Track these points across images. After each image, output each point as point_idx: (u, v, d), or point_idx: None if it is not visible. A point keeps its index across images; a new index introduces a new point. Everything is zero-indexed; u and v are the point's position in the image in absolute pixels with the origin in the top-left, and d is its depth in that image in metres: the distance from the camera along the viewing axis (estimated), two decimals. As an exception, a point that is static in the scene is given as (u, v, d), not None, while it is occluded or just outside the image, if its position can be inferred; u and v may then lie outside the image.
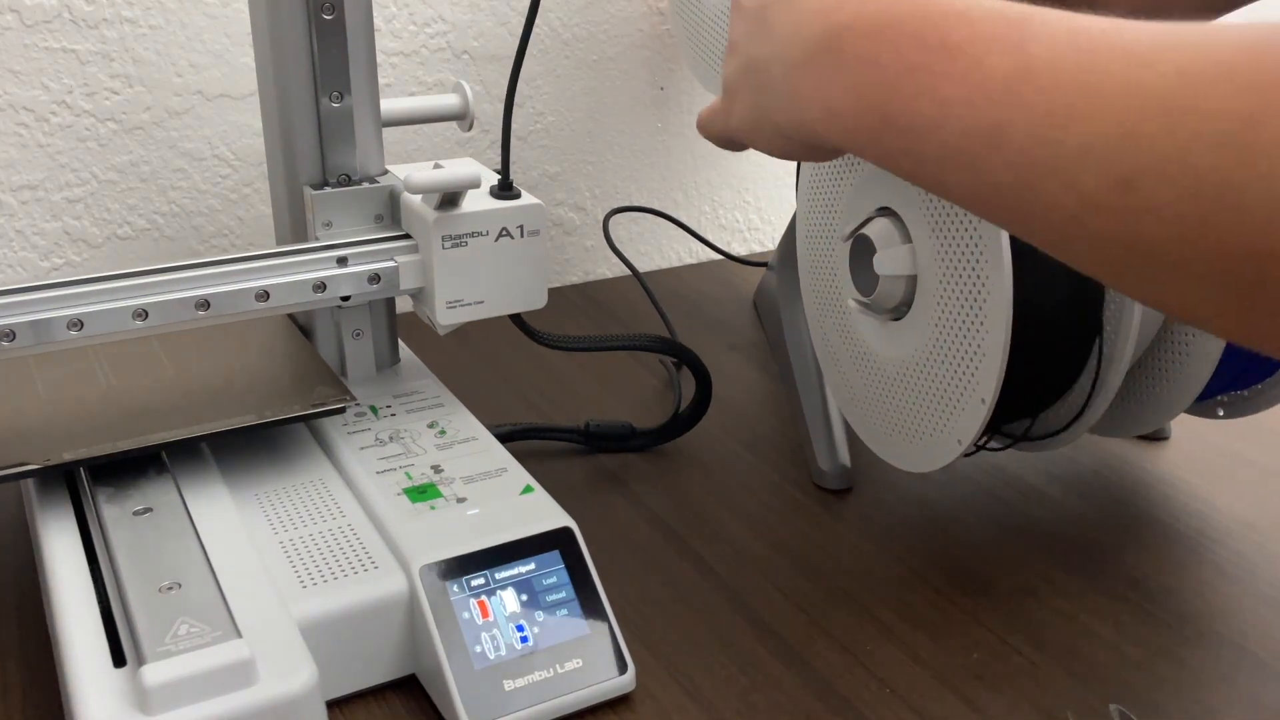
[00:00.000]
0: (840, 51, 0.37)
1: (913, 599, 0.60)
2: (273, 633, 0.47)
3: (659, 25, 1.02)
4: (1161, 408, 0.64)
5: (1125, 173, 0.29)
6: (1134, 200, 0.29)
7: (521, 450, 0.70)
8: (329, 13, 0.61)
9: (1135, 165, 0.29)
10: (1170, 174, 0.28)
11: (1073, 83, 0.31)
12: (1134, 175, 0.29)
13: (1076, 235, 0.32)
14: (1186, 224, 0.28)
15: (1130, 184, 0.29)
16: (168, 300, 0.57)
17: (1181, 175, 0.28)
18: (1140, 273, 0.31)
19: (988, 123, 0.33)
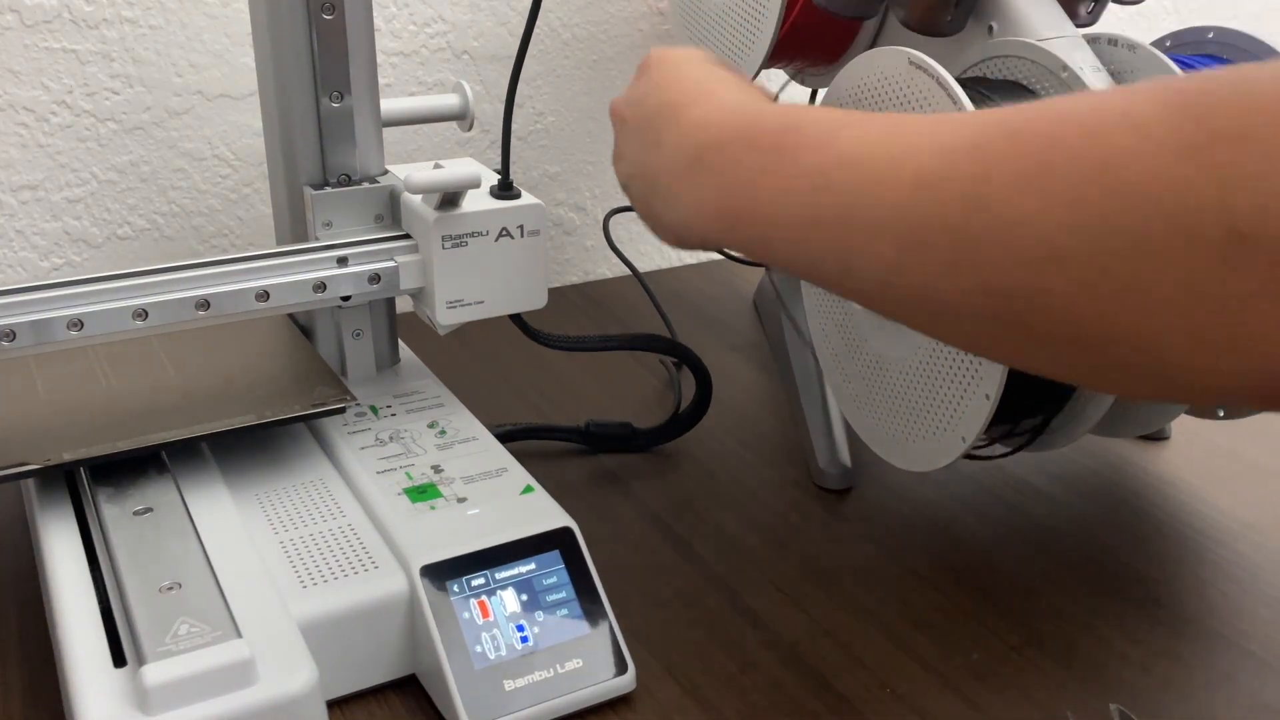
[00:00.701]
0: (705, 162, 0.44)
1: (913, 599, 0.60)
2: (273, 633, 0.47)
3: (659, 25, 1.02)
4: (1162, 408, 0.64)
5: (906, 239, 0.35)
6: (916, 260, 0.35)
7: (521, 450, 0.70)
8: (329, 13, 0.61)
9: (912, 230, 0.35)
10: (936, 236, 0.34)
11: (864, 170, 0.37)
12: (914, 240, 0.35)
13: (890, 297, 0.37)
14: (957, 273, 0.34)
15: (912, 248, 0.35)
16: (168, 300, 0.57)
17: (944, 234, 0.34)
18: (938, 320, 0.36)
19: (807, 210, 0.39)
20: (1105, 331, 0.31)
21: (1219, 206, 0.28)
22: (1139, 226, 0.29)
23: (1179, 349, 0.30)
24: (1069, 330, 0.32)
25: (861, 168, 0.37)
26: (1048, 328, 0.33)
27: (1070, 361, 0.34)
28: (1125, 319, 0.31)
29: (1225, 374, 0.30)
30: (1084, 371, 0.34)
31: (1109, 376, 0.34)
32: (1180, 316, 0.30)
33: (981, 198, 0.33)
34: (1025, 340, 0.34)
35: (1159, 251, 0.29)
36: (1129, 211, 0.30)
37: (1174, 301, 0.29)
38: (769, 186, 0.41)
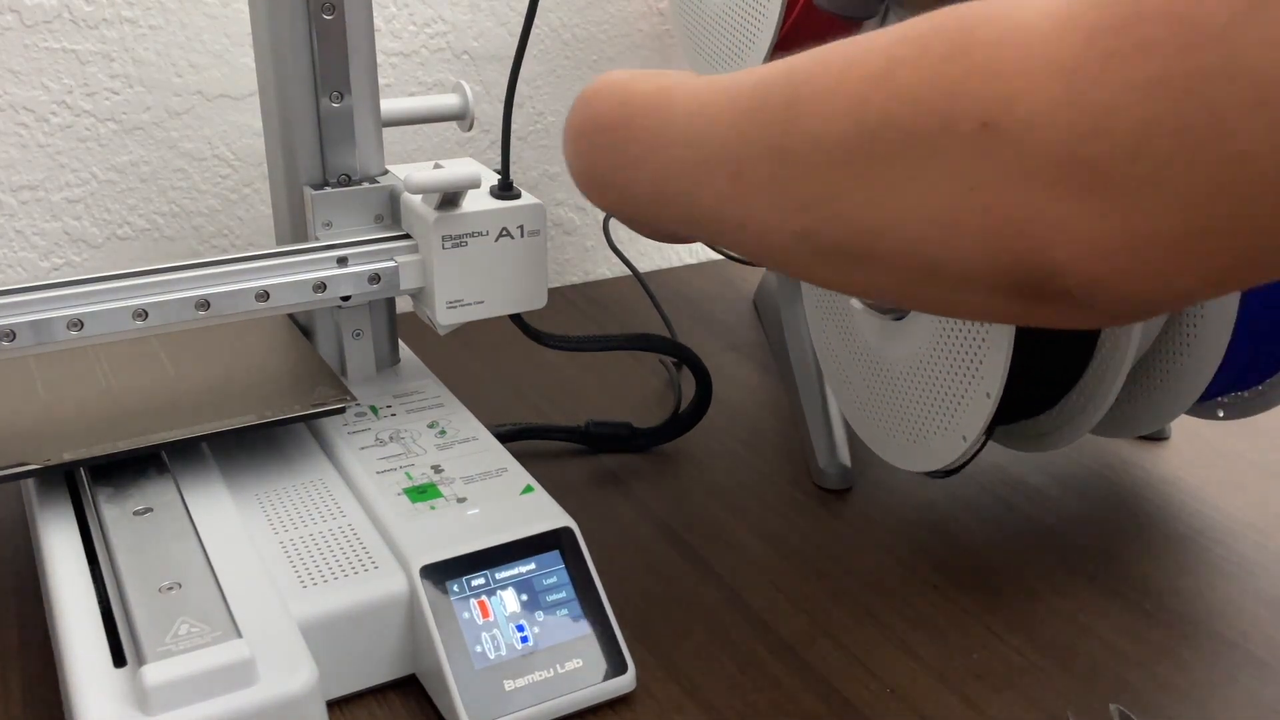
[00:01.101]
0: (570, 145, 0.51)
1: (913, 599, 0.60)
2: (273, 633, 0.47)
3: (659, 25, 1.02)
4: (1162, 409, 0.64)
5: (734, 168, 0.40)
6: (743, 187, 0.39)
7: (521, 450, 0.70)
8: (329, 13, 0.61)
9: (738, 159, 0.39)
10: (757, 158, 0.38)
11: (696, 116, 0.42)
12: (740, 167, 0.39)
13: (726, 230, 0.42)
14: (772, 191, 0.38)
15: (739, 175, 0.39)
16: (168, 300, 0.57)
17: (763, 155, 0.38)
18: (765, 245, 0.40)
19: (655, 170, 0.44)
20: (884, 237, 0.35)
21: (975, 98, 0.31)
22: (909, 121, 0.33)
23: (944, 243, 0.34)
24: (857, 240, 0.36)
25: (691, 119, 0.42)
26: (842, 240, 0.37)
27: (864, 274, 0.38)
28: (898, 219, 0.34)
29: (984, 262, 0.33)
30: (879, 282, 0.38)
31: (899, 285, 0.37)
32: (940, 207, 0.33)
33: (790, 117, 0.37)
34: (829, 256, 0.38)
35: (924, 143, 0.33)
36: (902, 110, 0.33)
37: (935, 191, 0.33)
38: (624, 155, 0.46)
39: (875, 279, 0.38)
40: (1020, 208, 0.31)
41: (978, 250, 0.33)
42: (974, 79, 0.32)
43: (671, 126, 0.43)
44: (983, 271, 0.33)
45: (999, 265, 0.33)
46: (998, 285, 0.34)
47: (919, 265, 0.35)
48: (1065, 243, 0.31)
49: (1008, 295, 0.34)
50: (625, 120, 0.46)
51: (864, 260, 0.37)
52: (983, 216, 0.32)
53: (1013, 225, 0.32)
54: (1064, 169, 0.30)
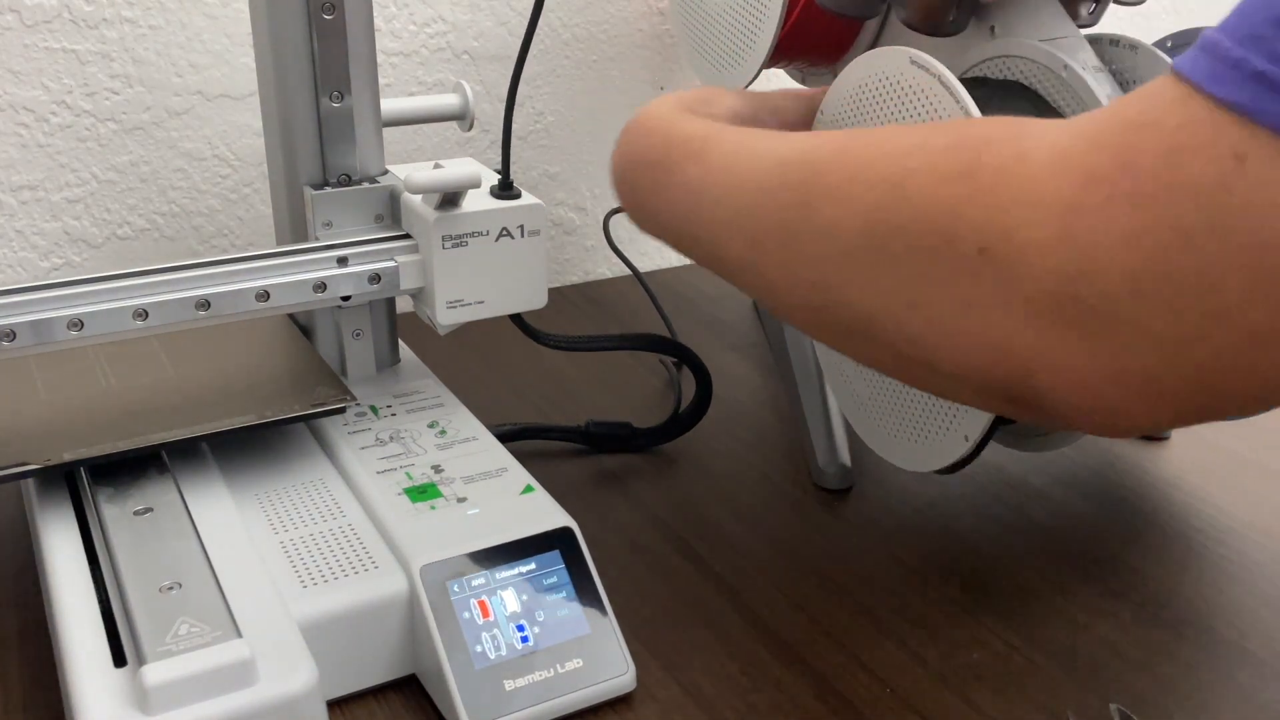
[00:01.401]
0: (618, 178, 0.52)
1: (913, 599, 0.60)
2: (273, 633, 0.47)
3: (659, 25, 1.02)
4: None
5: (751, 237, 0.42)
6: (759, 255, 0.42)
7: (521, 450, 0.70)
8: (329, 13, 0.61)
9: (755, 230, 0.42)
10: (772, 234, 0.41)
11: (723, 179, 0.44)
12: (757, 239, 0.41)
13: (746, 285, 0.45)
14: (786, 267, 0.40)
15: (755, 245, 0.42)
16: (168, 300, 0.57)
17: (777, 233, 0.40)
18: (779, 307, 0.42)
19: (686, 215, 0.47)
20: (885, 326, 0.37)
21: (975, 224, 0.33)
22: (915, 233, 0.35)
23: (938, 346, 0.36)
24: (861, 324, 0.38)
25: (722, 176, 0.44)
26: (847, 321, 0.39)
27: (866, 351, 0.40)
28: (898, 316, 0.36)
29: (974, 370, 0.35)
30: (880, 361, 0.40)
31: (897, 367, 0.39)
32: (934, 314, 0.35)
33: (805, 204, 0.39)
34: (835, 330, 0.40)
35: (926, 256, 0.35)
36: (909, 220, 0.35)
37: (931, 301, 0.35)
38: (662, 196, 0.48)
39: (878, 358, 0.40)
40: (1009, 333, 0.33)
41: (969, 360, 0.35)
42: (976, 204, 0.33)
43: (704, 182, 0.45)
44: (974, 379, 0.35)
45: (986, 378, 0.35)
46: (987, 390, 0.36)
47: (916, 359, 0.37)
48: (1048, 371, 0.33)
49: (998, 400, 0.36)
50: (665, 163, 0.48)
51: (864, 341, 0.39)
52: (975, 333, 0.34)
53: (1001, 347, 0.34)
54: (1053, 303, 0.32)
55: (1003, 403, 0.36)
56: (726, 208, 0.43)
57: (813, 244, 0.39)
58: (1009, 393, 0.35)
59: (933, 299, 0.35)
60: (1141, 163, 0.30)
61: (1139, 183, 0.30)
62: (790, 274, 0.40)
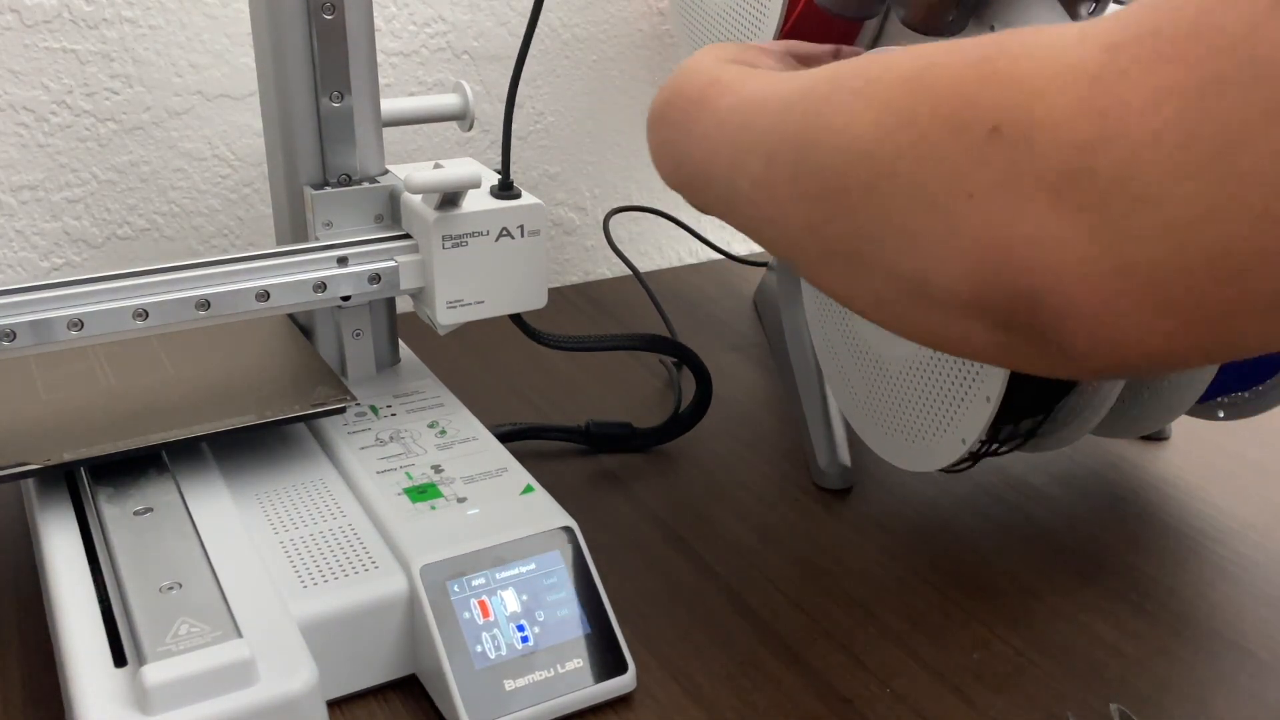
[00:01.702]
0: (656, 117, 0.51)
1: (913, 599, 0.60)
2: (273, 633, 0.47)
3: (659, 25, 1.02)
4: (1163, 409, 0.64)
5: (769, 152, 0.40)
6: (773, 171, 0.40)
7: (521, 450, 0.70)
8: (329, 13, 0.61)
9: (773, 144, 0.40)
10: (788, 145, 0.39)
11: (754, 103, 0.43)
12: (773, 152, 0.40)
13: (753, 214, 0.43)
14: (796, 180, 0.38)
15: (772, 159, 0.40)
16: (168, 300, 0.57)
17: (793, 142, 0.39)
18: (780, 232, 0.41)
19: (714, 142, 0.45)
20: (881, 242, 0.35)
21: (990, 103, 0.31)
22: (925, 123, 0.33)
23: (932, 255, 0.33)
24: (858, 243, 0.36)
25: (754, 101, 0.43)
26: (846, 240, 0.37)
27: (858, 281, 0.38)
28: (896, 223, 0.34)
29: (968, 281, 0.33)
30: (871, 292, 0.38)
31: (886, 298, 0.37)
32: (937, 216, 0.33)
33: (824, 111, 0.38)
34: (829, 253, 0.38)
35: (935, 145, 0.33)
36: (921, 111, 0.33)
37: (933, 199, 0.33)
38: (693, 129, 0.47)
39: (870, 288, 0.37)
40: (1012, 221, 0.31)
41: (964, 267, 0.33)
42: (994, 83, 0.32)
43: (733, 110, 0.44)
44: (966, 292, 0.33)
45: (982, 285, 0.32)
46: (979, 309, 0.33)
47: (908, 278, 0.35)
48: (1049, 264, 0.30)
49: (988, 323, 0.33)
50: (703, 97, 0.47)
51: (861, 267, 0.37)
52: (975, 229, 0.32)
53: (1001, 240, 0.31)
54: (1061, 180, 0.30)
55: (996, 327, 0.33)
56: (750, 130, 0.42)
57: (820, 150, 0.37)
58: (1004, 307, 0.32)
59: (934, 198, 0.33)
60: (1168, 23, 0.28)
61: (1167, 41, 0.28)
62: (797, 189, 0.39)
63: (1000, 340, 0.34)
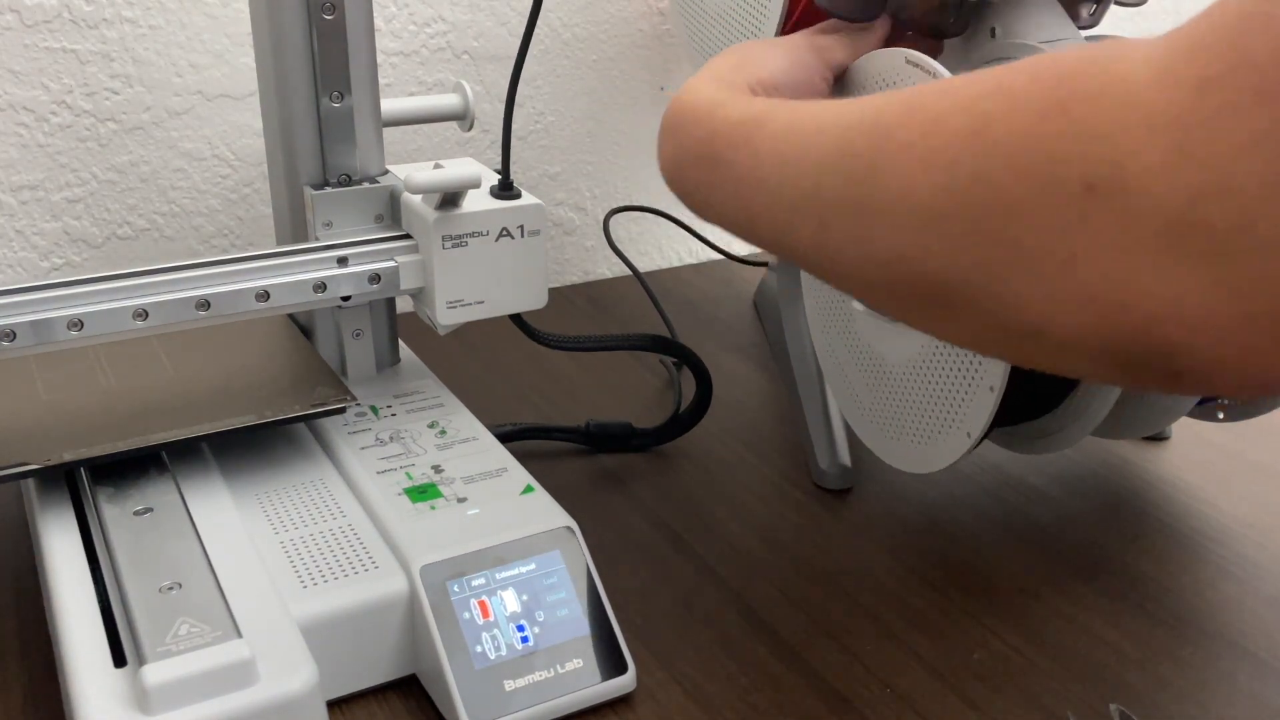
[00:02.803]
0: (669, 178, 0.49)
1: (913, 599, 0.60)
2: (273, 633, 0.47)
3: (659, 25, 1.02)
4: (1163, 410, 0.64)
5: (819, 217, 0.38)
6: (829, 235, 0.38)
7: (521, 450, 0.70)
8: (329, 13, 0.61)
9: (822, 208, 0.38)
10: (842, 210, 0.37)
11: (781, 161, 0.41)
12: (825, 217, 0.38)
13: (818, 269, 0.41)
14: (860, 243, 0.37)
15: (825, 224, 0.38)
16: (168, 300, 0.57)
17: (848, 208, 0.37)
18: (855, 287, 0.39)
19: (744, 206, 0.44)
20: (976, 296, 0.33)
21: (1077, 159, 0.29)
22: (1004, 182, 0.31)
23: (1045, 310, 0.31)
24: (947, 297, 0.34)
25: (777, 161, 0.41)
26: (932, 295, 0.35)
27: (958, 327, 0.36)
28: (991, 276, 0.32)
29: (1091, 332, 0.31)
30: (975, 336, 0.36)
31: (996, 340, 0.35)
32: (1038, 271, 0.31)
33: (875, 170, 0.35)
34: (919, 307, 0.36)
35: (1020, 205, 0.31)
36: (996, 170, 0.31)
37: (1033, 256, 0.31)
38: (714, 193, 0.45)
39: (973, 333, 0.36)
40: (1127, 280, 0.29)
41: (1081, 322, 0.31)
42: (1074, 138, 0.30)
43: (758, 168, 0.42)
44: (1089, 341, 0.31)
45: (1105, 339, 0.31)
46: (1106, 355, 0.31)
47: (1020, 327, 0.33)
48: (1177, 319, 0.29)
49: (1117, 366, 0.32)
50: (713, 156, 0.45)
51: (958, 315, 0.35)
52: (1087, 287, 0.30)
53: (1118, 299, 0.29)
54: (1175, 234, 0.28)
55: (1128, 369, 0.31)
56: (784, 194, 0.40)
57: (887, 214, 0.35)
58: (1133, 354, 0.30)
59: (1033, 255, 0.31)
60: (1258, 54, 0.26)
61: (1259, 76, 0.26)
62: (864, 251, 0.37)
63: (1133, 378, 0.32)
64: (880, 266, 0.36)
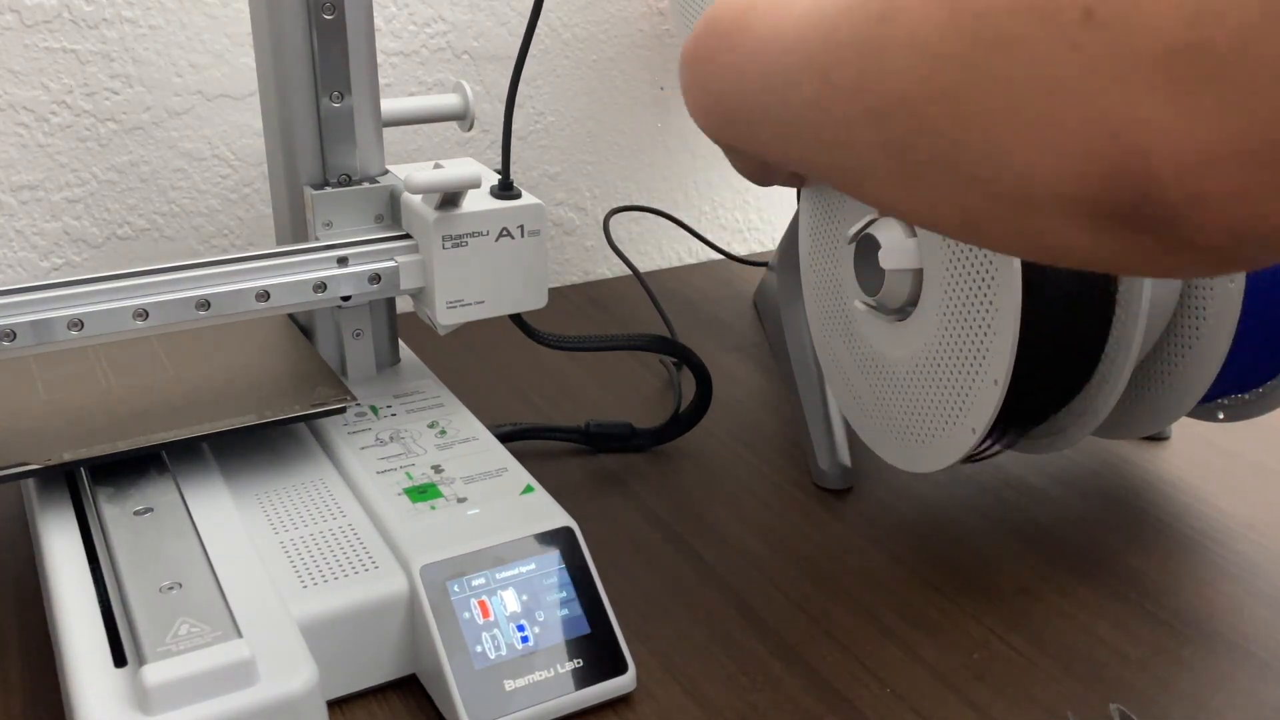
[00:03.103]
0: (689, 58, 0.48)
1: (913, 599, 0.60)
2: (273, 633, 0.47)
3: (659, 25, 1.02)
4: (1163, 411, 0.64)
5: (826, 67, 0.37)
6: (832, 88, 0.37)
7: (521, 450, 0.70)
8: (329, 13, 0.61)
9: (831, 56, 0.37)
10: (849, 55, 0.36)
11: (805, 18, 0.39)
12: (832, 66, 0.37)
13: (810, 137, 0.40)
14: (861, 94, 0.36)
15: (830, 73, 0.37)
16: (168, 300, 0.57)
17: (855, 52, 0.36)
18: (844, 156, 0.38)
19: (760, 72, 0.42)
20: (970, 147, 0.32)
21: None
22: (1005, 12, 0.30)
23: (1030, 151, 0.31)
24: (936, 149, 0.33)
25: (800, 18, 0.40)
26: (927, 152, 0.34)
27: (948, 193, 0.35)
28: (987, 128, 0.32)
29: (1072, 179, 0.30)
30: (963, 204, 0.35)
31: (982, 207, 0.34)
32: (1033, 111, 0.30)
33: (887, 12, 0.35)
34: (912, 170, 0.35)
35: (1020, 35, 0.30)
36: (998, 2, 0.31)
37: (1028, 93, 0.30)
38: (732, 59, 0.44)
39: (957, 200, 0.35)
40: (1119, 108, 0.28)
41: (1069, 161, 0.30)
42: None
43: (780, 29, 0.41)
44: (1073, 189, 0.30)
45: (1091, 179, 0.30)
46: (1088, 207, 0.31)
47: (1004, 182, 0.32)
48: (1166, 149, 0.28)
49: (1099, 222, 0.31)
50: (743, 24, 0.44)
51: (947, 177, 0.34)
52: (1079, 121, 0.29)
53: (1109, 129, 0.29)
54: (1171, 58, 0.27)
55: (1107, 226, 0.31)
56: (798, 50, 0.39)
57: (889, 58, 0.34)
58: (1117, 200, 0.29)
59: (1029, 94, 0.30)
60: None
61: None
62: (863, 105, 0.36)
63: (1115, 241, 0.31)
64: (878, 119, 0.35)
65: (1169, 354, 0.62)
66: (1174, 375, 0.62)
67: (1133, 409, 0.65)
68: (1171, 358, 0.62)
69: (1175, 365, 0.62)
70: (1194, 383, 0.61)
